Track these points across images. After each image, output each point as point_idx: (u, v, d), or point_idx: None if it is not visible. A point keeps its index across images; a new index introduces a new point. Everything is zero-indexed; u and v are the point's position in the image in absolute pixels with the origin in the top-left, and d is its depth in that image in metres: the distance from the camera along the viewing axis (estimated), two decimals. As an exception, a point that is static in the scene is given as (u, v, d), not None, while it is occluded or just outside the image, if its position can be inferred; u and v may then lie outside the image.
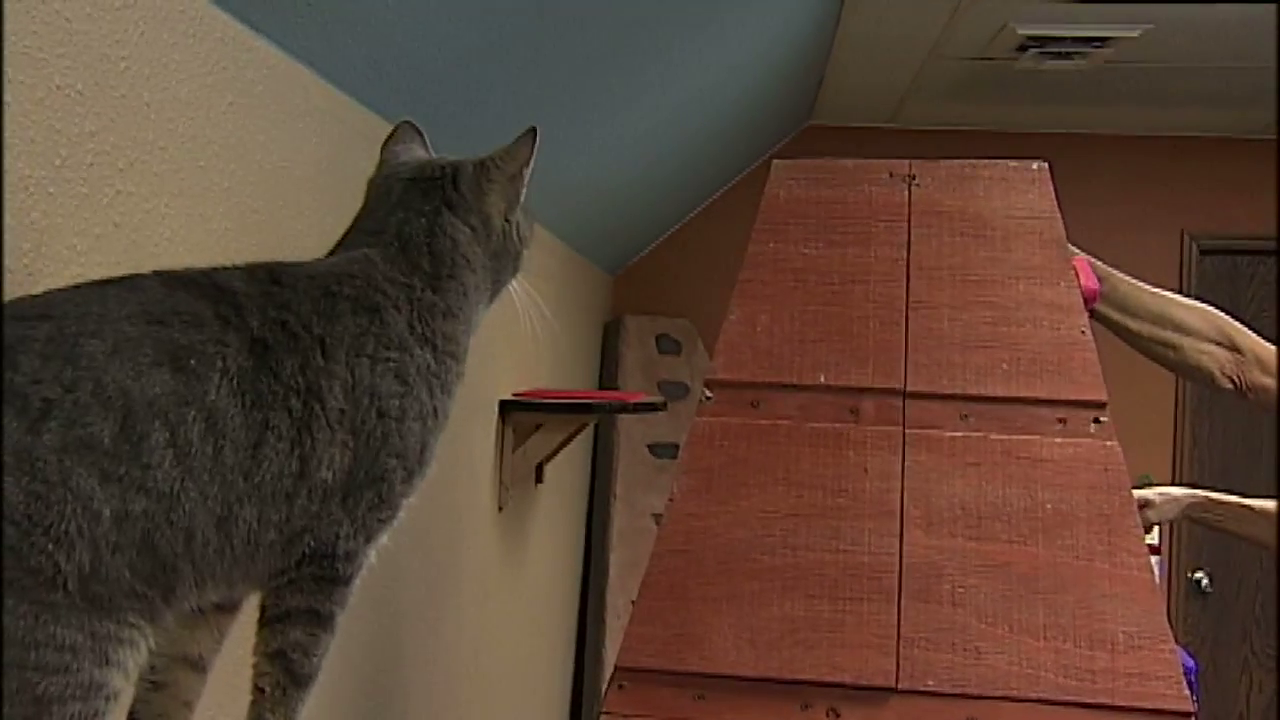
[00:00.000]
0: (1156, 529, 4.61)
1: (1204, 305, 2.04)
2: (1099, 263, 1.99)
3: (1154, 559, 4.83)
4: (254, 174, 1.41)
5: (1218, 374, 1.99)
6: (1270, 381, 1.97)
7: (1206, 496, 2.31)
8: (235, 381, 0.91)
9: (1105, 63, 3.82)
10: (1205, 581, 4.70)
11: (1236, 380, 1.99)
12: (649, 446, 4.31)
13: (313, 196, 1.59)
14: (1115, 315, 1.98)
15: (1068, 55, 3.72)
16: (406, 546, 2.09)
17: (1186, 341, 1.99)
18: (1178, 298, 2.04)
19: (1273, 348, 2.01)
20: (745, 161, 4.58)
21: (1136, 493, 2.30)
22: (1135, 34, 3.50)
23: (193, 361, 0.89)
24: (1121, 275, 2.00)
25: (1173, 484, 4.72)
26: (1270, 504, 2.24)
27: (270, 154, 1.45)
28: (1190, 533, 4.75)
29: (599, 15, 2.20)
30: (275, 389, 0.93)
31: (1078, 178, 4.76)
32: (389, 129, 1.86)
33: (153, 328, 0.88)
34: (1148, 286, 2.01)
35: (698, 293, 4.60)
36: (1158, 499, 2.28)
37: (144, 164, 1.16)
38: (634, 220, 4.22)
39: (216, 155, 1.31)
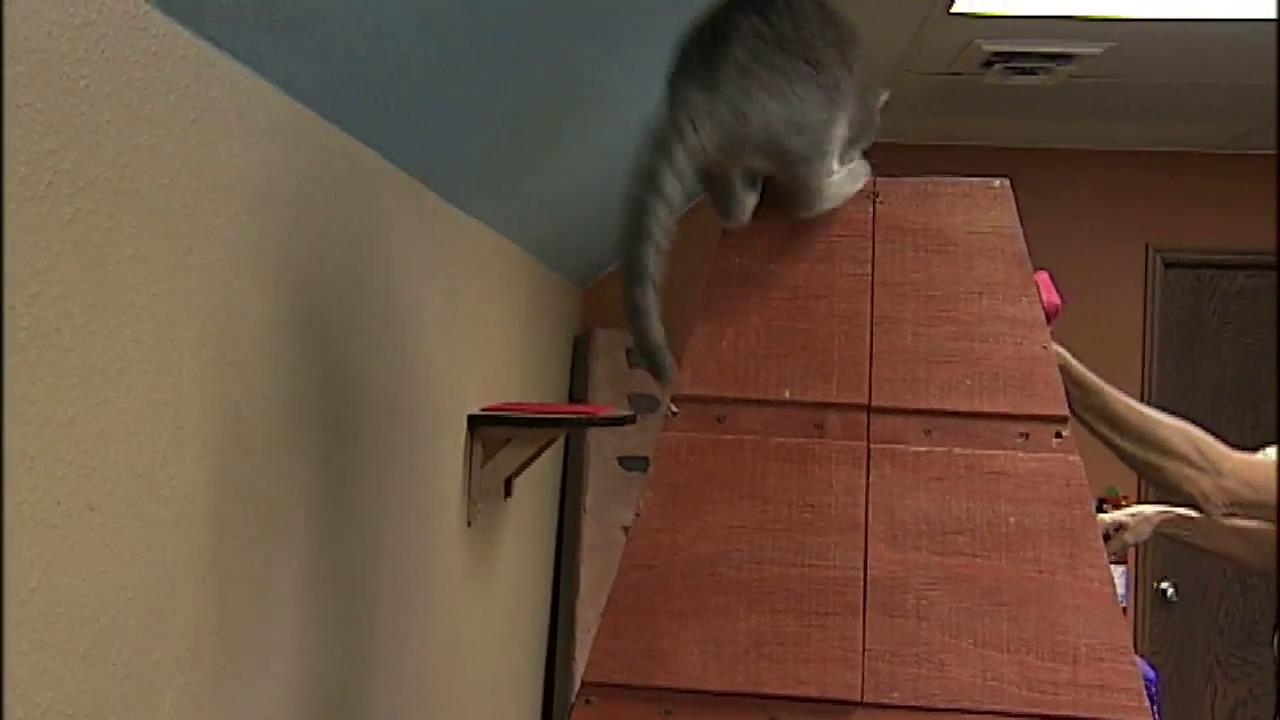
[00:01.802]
0: (1123, 540, 4.64)
1: (1183, 424, 2.05)
2: (1081, 367, 2.02)
3: (1119, 569, 4.89)
4: (216, 191, 1.41)
5: (1201, 499, 2.02)
6: (1257, 496, 1.99)
7: (1177, 513, 2.34)
8: None
9: (1069, 78, 3.86)
10: (1170, 591, 4.74)
11: (1222, 503, 2.01)
12: (619, 459, 4.31)
13: (278, 212, 1.59)
14: (1104, 430, 2.02)
15: (1032, 71, 3.76)
16: (373, 564, 2.08)
17: (1170, 465, 2.01)
18: (1159, 417, 2.05)
19: (1258, 458, 2.03)
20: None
21: (1111, 515, 2.32)
22: (1098, 51, 3.54)
23: None
24: (1102, 384, 2.03)
25: (1138, 498, 4.77)
26: (1237, 520, 2.27)
27: (233, 170, 1.44)
28: (1155, 543, 4.78)
29: (568, 31, 2.21)
30: None
31: (1044, 192, 4.81)
32: (355, 145, 1.87)
33: None
34: (1127, 400, 2.03)
35: (668, 306, 4.58)
36: (1131, 520, 2.30)
37: (104, 182, 1.16)
38: (604, 233, 4.23)
39: (178, 172, 1.31)
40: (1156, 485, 2.06)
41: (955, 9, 3.29)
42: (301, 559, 1.74)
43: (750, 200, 1.52)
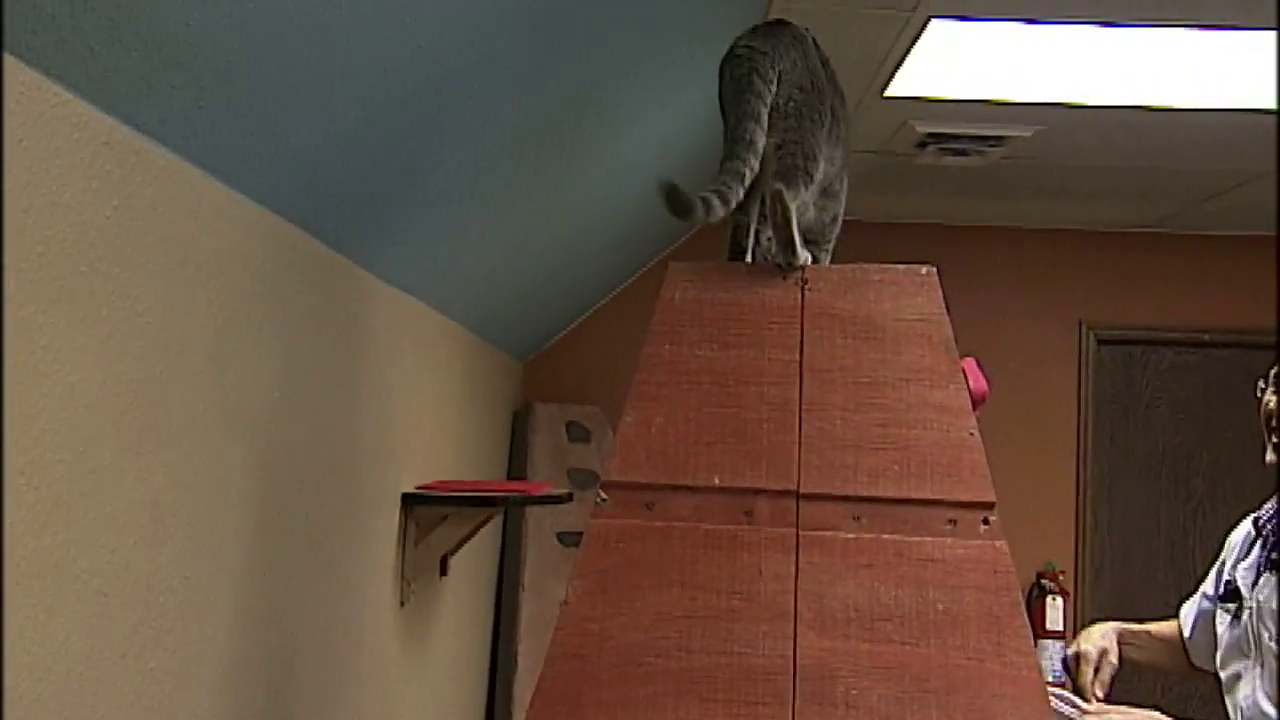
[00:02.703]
0: (1060, 614, 4.67)
1: None
2: None
3: (1058, 644, 4.86)
4: (141, 276, 1.39)
5: None
6: None
7: (1124, 627, 2.40)
8: None
9: (1002, 160, 3.94)
10: (1110, 666, 4.75)
11: None
12: (558, 535, 4.28)
13: (205, 296, 1.58)
14: None
15: (965, 152, 3.84)
16: (301, 648, 2.04)
17: None
18: None
19: None
20: (654, 251, 4.63)
21: (1089, 644, 2.33)
22: (1029, 134, 3.62)
23: None
24: None
25: (1074, 573, 4.80)
26: (1164, 626, 2.35)
27: (158, 255, 1.43)
28: (1093, 619, 4.81)
29: (503, 112, 2.22)
30: None
31: (980, 269, 4.88)
32: (288, 228, 1.86)
33: None
34: None
35: (608, 380, 4.62)
36: (1106, 643, 2.33)
37: (20, 271, 1.14)
38: (543, 307, 4.24)
39: (100, 259, 1.29)
40: None
41: (889, 92, 3.35)
42: (225, 647, 1.70)
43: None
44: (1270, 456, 2.22)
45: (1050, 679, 4.57)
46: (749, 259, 1.70)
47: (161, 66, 1.31)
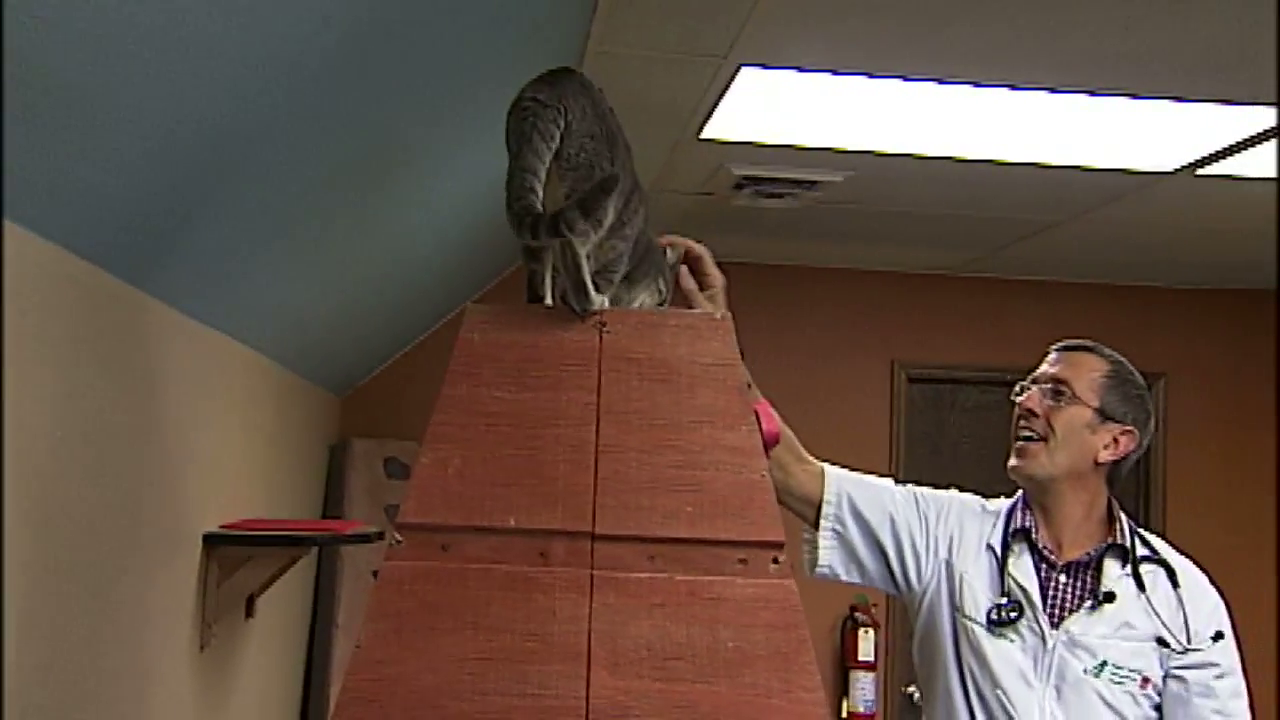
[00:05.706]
0: (872, 645, 4.79)
1: None
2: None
3: (869, 675, 4.99)
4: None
5: None
6: None
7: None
8: None
9: (816, 203, 4.06)
10: (917, 696, 4.90)
11: None
12: (374, 573, 4.20)
13: (54, 370, 1.51)
14: None
15: (780, 195, 3.94)
16: (87, 702, 1.96)
17: None
18: None
19: None
20: (474, 288, 4.62)
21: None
22: (840, 179, 3.74)
23: None
24: None
25: (886, 600, 4.93)
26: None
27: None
28: (902, 650, 4.95)
29: (313, 148, 2.19)
30: None
31: (797, 308, 5.01)
32: (75, 261, 1.79)
33: None
34: None
35: (428, 416, 4.56)
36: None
37: None
38: (361, 342, 4.18)
39: None
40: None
41: (704, 135, 3.43)
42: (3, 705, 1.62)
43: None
44: (1013, 460, 2.34)
45: (861, 709, 4.68)
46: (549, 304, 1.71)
47: (-72, 95, 1.25)
